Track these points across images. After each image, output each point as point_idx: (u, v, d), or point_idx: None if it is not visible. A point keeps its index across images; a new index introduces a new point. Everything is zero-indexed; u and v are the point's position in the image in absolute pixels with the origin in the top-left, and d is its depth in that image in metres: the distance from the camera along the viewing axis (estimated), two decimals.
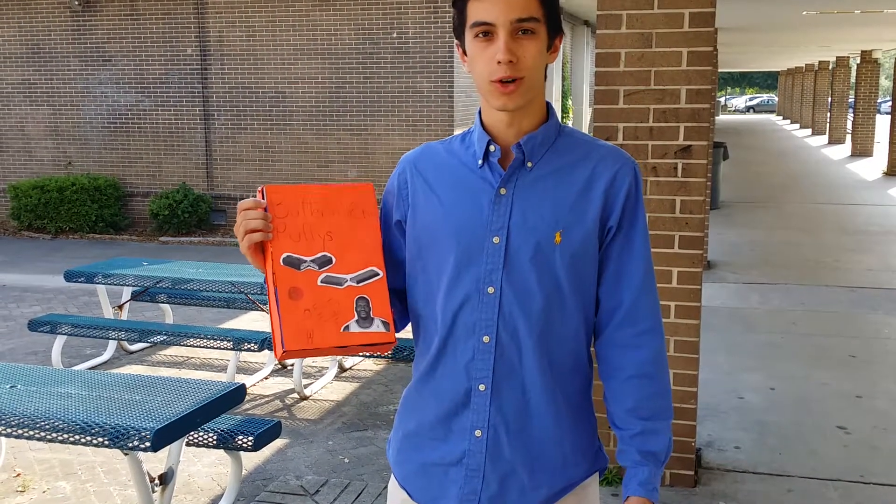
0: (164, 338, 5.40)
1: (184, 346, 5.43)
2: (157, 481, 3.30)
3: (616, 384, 1.67)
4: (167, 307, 6.71)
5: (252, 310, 6.23)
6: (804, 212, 13.17)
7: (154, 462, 4.13)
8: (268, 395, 5.39)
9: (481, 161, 1.62)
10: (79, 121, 12.47)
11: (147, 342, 5.62)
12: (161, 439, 2.98)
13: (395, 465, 1.76)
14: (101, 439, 3.01)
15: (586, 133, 1.76)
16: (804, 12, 11.81)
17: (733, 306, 7.41)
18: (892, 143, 18.53)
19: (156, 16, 11.89)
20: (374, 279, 1.54)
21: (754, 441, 4.57)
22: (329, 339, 1.50)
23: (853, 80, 28.02)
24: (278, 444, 4.57)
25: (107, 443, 3.00)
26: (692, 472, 3.99)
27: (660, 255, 3.80)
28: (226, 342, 5.15)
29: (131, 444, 2.97)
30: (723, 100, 64.24)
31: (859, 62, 23.86)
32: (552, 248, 1.58)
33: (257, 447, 3.60)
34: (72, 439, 3.06)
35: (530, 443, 1.63)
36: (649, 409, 1.65)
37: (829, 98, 30.37)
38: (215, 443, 3.61)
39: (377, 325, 1.52)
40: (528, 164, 1.61)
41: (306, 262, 1.52)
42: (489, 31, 1.52)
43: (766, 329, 6.75)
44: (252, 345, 5.09)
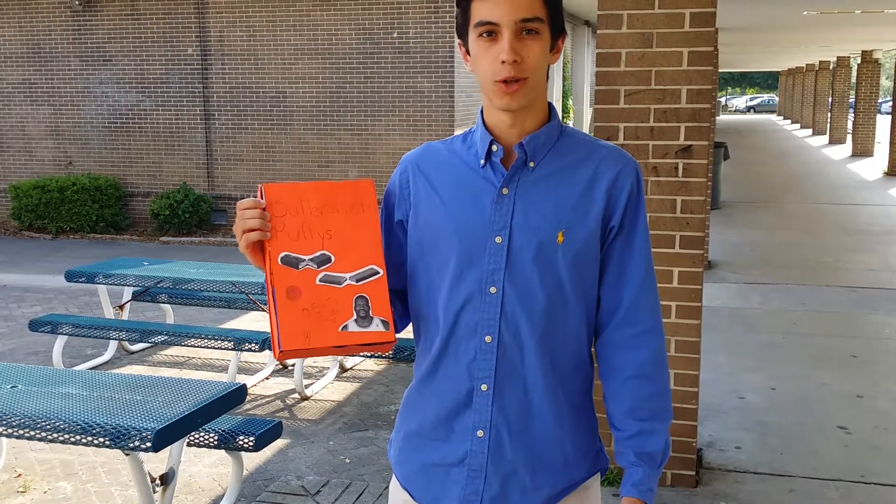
0: (165, 338, 5.40)
1: (185, 346, 5.43)
2: (158, 481, 3.30)
3: (615, 385, 1.67)
4: (168, 307, 6.71)
5: (253, 310, 6.23)
6: (805, 212, 13.17)
7: (155, 462, 4.13)
8: (269, 396, 5.39)
9: (483, 161, 1.62)
10: (79, 121, 12.47)
11: (148, 342, 5.61)
12: (162, 439, 2.98)
13: (397, 465, 1.76)
14: (102, 439, 3.01)
15: (587, 133, 1.75)
16: (805, 12, 11.81)
17: (734, 306, 7.41)
18: (892, 144, 18.52)
19: (156, 15, 11.89)
20: (374, 278, 1.53)
21: (755, 441, 4.57)
22: (327, 338, 1.49)
23: (854, 80, 27.99)
24: (279, 444, 4.57)
25: (108, 443, 3.00)
26: (693, 473, 3.99)
27: (661, 255, 3.80)
28: (227, 342, 5.15)
29: (132, 445, 2.96)
30: (723, 100, 64.22)
31: (860, 62, 23.86)
32: (554, 248, 1.58)
33: (258, 447, 3.60)
34: (73, 440, 3.06)
35: (532, 443, 1.63)
36: (647, 410, 1.65)
37: (830, 98, 30.36)
38: (216, 443, 3.61)
39: (376, 325, 1.50)
40: (531, 164, 1.61)
41: (305, 260, 1.51)
42: (493, 31, 1.52)
43: (766, 329, 6.74)
44: (253, 345, 5.09)
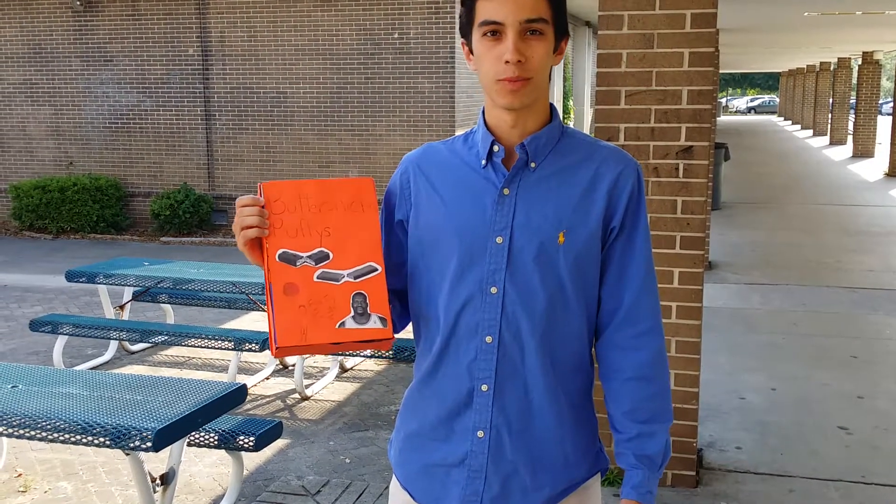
0: (166, 338, 5.40)
1: (185, 346, 5.43)
2: (158, 481, 3.30)
3: (615, 386, 1.67)
4: (168, 307, 6.72)
5: (253, 310, 6.23)
6: (805, 213, 13.17)
7: (155, 462, 4.13)
8: (269, 396, 5.40)
9: (485, 161, 1.62)
10: (80, 121, 12.47)
11: (148, 342, 5.61)
12: (162, 439, 2.98)
13: (397, 465, 1.76)
14: (102, 439, 3.01)
15: (588, 134, 1.75)
16: (805, 13, 11.81)
17: (734, 307, 7.41)
18: (893, 145, 18.52)
19: (157, 16, 11.90)
20: (372, 275, 1.52)
21: (755, 441, 4.57)
22: (323, 335, 1.48)
23: (854, 81, 27.99)
24: (279, 444, 4.57)
25: (108, 443, 3.00)
26: (693, 473, 3.99)
27: (661, 256, 3.80)
28: (227, 342, 5.15)
29: (133, 445, 2.97)
30: (724, 101, 64.23)
31: (861, 63, 23.87)
32: (555, 249, 1.58)
33: (258, 447, 3.60)
34: (73, 439, 3.06)
35: (532, 443, 1.63)
36: (647, 412, 1.65)
37: (831, 99, 30.36)
38: (216, 443, 3.61)
39: (374, 322, 1.50)
40: (532, 165, 1.61)
41: (302, 258, 1.51)
42: (497, 31, 1.52)
43: (767, 329, 6.74)
44: (253, 345, 5.09)
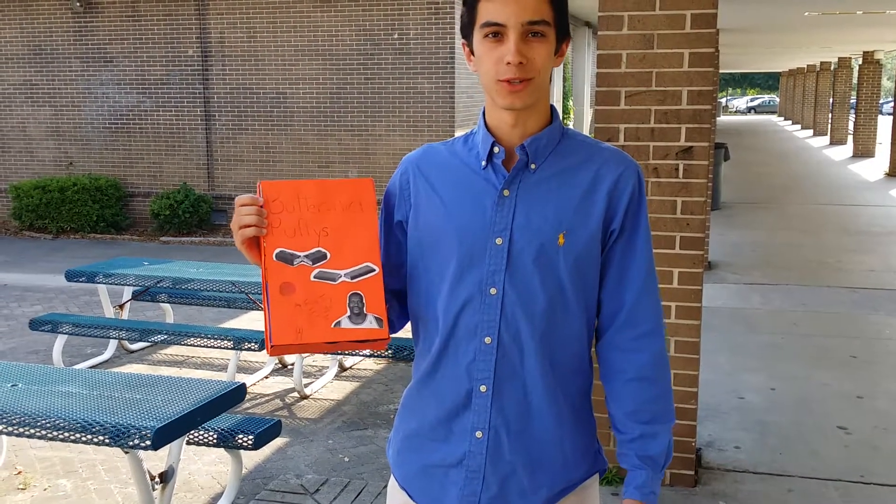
0: (165, 337, 5.40)
1: (184, 345, 5.44)
2: (157, 479, 3.31)
3: (616, 387, 1.67)
4: (168, 307, 6.72)
5: (252, 309, 6.23)
6: (805, 213, 13.17)
7: (154, 460, 4.14)
8: (268, 394, 5.40)
9: (485, 162, 1.62)
10: (80, 121, 12.48)
11: (148, 341, 5.62)
12: (161, 438, 2.99)
13: (396, 466, 1.76)
14: (101, 438, 3.01)
15: (588, 136, 1.75)
16: (806, 13, 11.82)
17: (734, 307, 7.41)
18: (893, 144, 18.52)
19: (157, 17, 11.90)
20: (369, 275, 1.52)
21: (755, 441, 4.57)
22: (319, 334, 1.48)
23: (855, 80, 28.00)
24: (278, 442, 4.57)
25: (107, 441, 3.00)
26: (692, 472, 4.00)
27: (661, 256, 3.81)
28: (226, 341, 5.16)
29: (132, 443, 2.97)
30: (724, 101, 64.22)
31: (861, 63, 23.87)
32: (555, 250, 1.58)
33: (257, 446, 3.61)
34: (73, 438, 3.07)
35: (531, 444, 1.63)
36: (649, 413, 1.65)
37: (831, 99, 30.36)
38: (215, 441, 3.61)
39: (370, 322, 1.50)
40: (532, 166, 1.61)
41: (300, 257, 1.51)
42: (499, 32, 1.52)
43: (767, 329, 6.75)
44: (252, 344, 5.10)
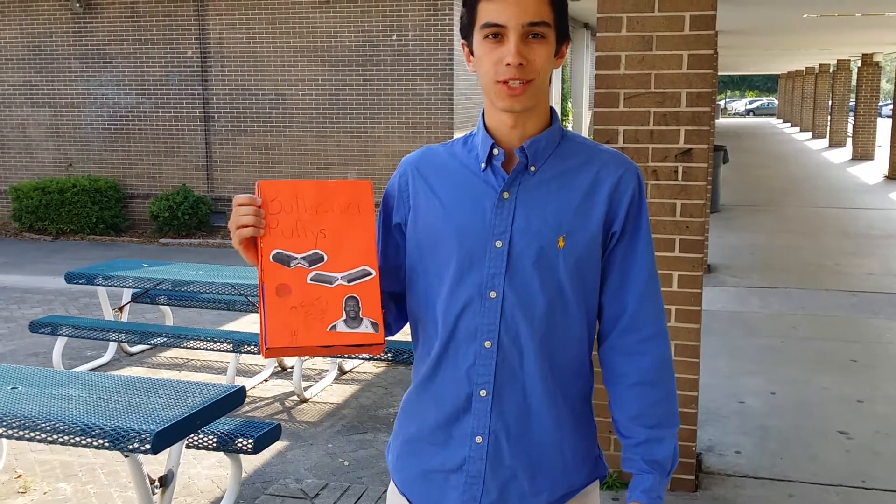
0: (165, 340, 5.40)
1: (184, 348, 5.43)
2: (157, 483, 3.30)
3: (620, 391, 1.66)
4: (167, 309, 6.71)
5: (252, 312, 6.23)
6: (805, 215, 13.17)
7: (154, 464, 4.13)
8: (268, 398, 5.39)
9: (484, 164, 1.61)
10: (79, 122, 12.47)
11: (147, 344, 5.61)
12: (161, 441, 2.98)
13: (395, 471, 1.75)
14: (101, 441, 3.00)
15: (588, 137, 1.75)
16: (805, 15, 11.82)
17: (733, 310, 7.41)
18: (893, 147, 18.52)
19: (156, 18, 11.90)
20: (366, 279, 1.52)
21: (755, 446, 4.56)
22: (314, 337, 1.47)
23: (854, 83, 28.02)
24: (278, 446, 4.56)
25: (107, 445, 3.00)
26: (693, 477, 3.99)
27: (660, 259, 3.80)
28: (226, 344, 5.15)
29: (132, 446, 2.96)
30: (723, 103, 64.26)
31: (860, 65, 23.88)
32: (555, 253, 1.57)
33: (257, 450, 3.60)
34: (72, 441, 3.06)
35: (531, 449, 1.62)
36: (654, 417, 1.64)
37: (830, 101, 30.37)
38: (215, 445, 3.61)
39: (365, 326, 1.49)
40: (532, 168, 1.60)
41: (297, 259, 1.50)
42: (499, 34, 1.51)
43: (766, 333, 6.74)
44: (252, 347, 5.09)
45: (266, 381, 5.70)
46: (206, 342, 5.23)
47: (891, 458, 4.42)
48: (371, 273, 1.52)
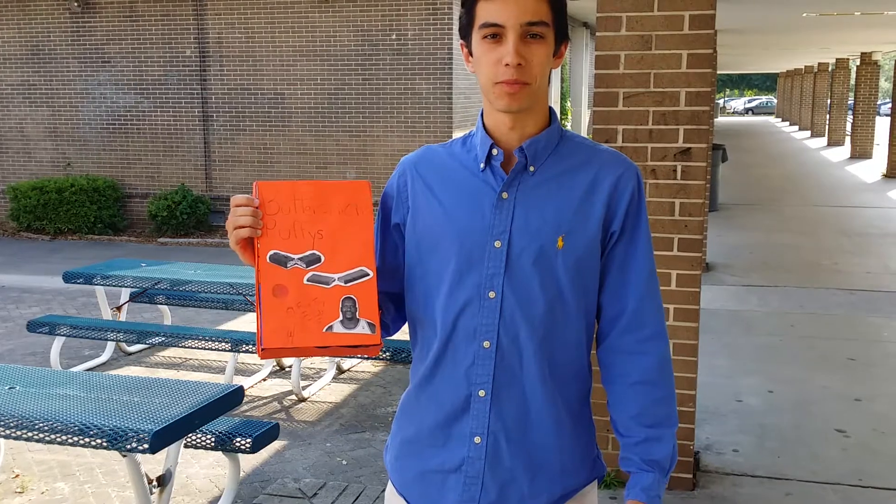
0: (163, 339, 5.39)
1: (182, 347, 5.43)
2: (155, 483, 3.29)
3: (620, 390, 1.65)
4: (165, 308, 6.71)
5: (250, 311, 6.22)
6: (803, 214, 13.17)
7: (152, 464, 4.12)
8: (266, 397, 5.39)
9: (483, 165, 1.61)
10: (78, 122, 12.46)
11: (145, 343, 5.61)
12: (159, 441, 2.98)
13: (393, 471, 1.75)
14: (99, 441, 3.00)
15: (587, 137, 1.74)
16: (804, 14, 11.82)
17: (732, 309, 7.41)
18: (891, 146, 18.53)
19: (155, 17, 11.89)
20: (363, 279, 1.51)
21: (753, 444, 4.56)
22: (310, 338, 1.47)
23: (853, 81, 28.03)
24: (276, 445, 4.56)
25: (105, 444, 2.99)
26: (690, 476, 3.99)
27: (659, 258, 3.80)
28: (224, 344, 5.15)
29: (129, 446, 2.96)
30: (722, 102, 64.27)
31: (859, 64, 23.88)
32: (555, 253, 1.57)
33: (255, 449, 3.60)
34: (70, 441, 3.06)
35: (530, 449, 1.62)
36: (653, 417, 1.64)
37: (829, 100, 30.39)
38: (213, 444, 3.60)
39: (362, 327, 1.49)
40: (531, 169, 1.60)
41: (294, 259, 1.50)
42: (498, 34, 1.51)
43: (765, 331, 6.74)
44: (250, 346, 5.09)
45: (264, 380, 5.70)
46: (204, 342, 5.23)
47: (889, 456, 4.42)
48: (368, 274, 1.51)
